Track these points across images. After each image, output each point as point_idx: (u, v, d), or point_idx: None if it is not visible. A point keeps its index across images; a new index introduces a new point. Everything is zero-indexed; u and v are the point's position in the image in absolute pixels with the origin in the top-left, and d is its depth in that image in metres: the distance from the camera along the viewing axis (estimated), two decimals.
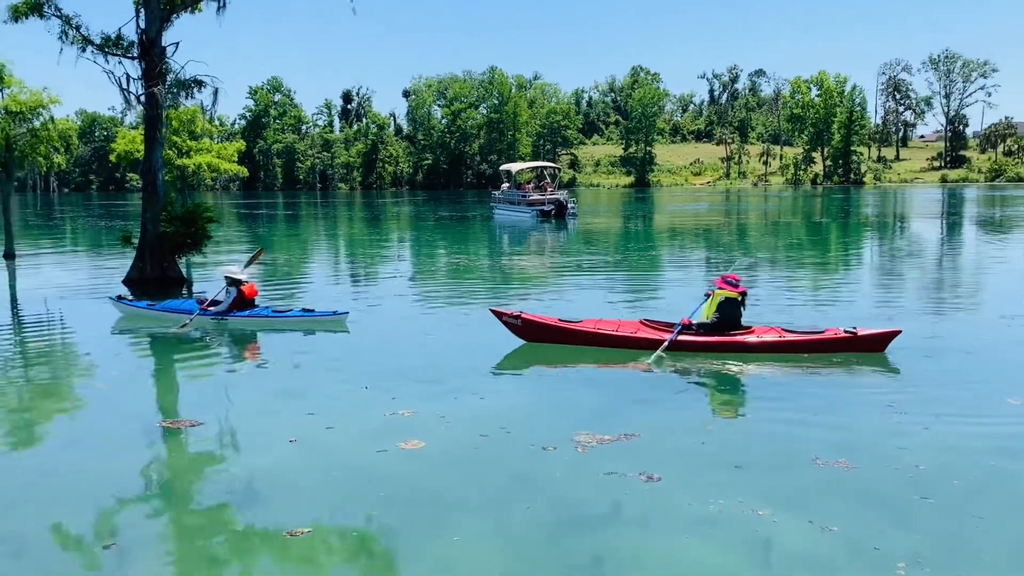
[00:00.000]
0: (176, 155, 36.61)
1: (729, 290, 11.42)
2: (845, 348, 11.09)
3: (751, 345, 11.15)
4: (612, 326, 11.86)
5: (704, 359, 10.99)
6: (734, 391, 9.88)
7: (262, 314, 14.13)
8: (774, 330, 11.47)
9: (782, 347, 11.12)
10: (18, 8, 18.94)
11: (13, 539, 5.89)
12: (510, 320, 12.30)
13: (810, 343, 11.12)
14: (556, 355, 11.37)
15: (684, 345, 11.22)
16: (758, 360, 10.92)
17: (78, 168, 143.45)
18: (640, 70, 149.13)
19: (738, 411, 8.89)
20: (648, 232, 40.92)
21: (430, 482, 6.92)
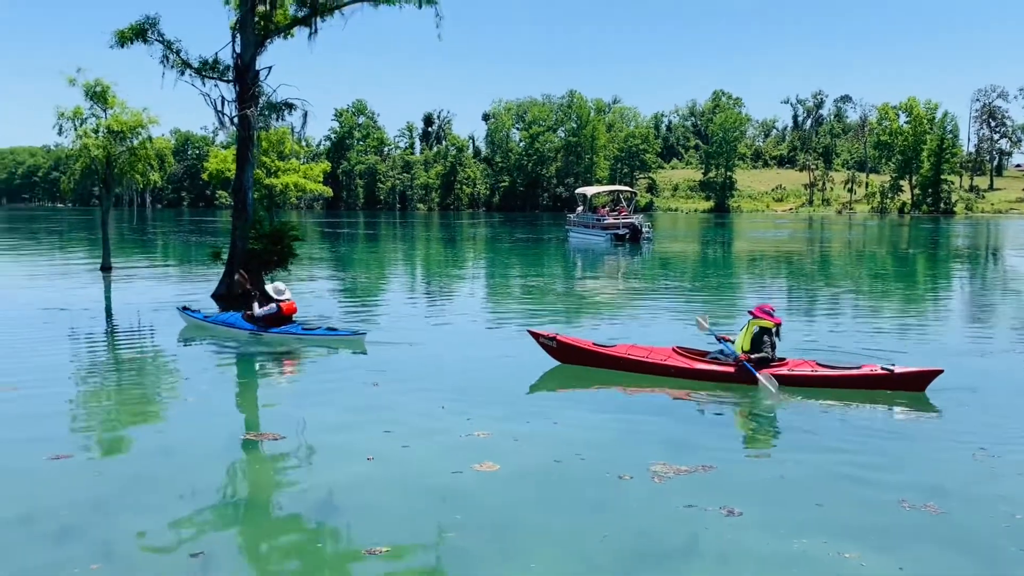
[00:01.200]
0: (265, 175, 37.86)
1: (765, 319, 11.14)
2: (882, 386, 10.65)
3: (789, 378, 10.75)
4: (644, 352, 11.78)
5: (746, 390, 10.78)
6: (806, 425, 9.55)
7: (292, 331, 14.66)
8: (808, 363, 11.12)
9: (819, 382, 10.76)
10: (124, 34, 19.96)
11: (105, 544, 6.12)
12: (546, 341, 12.36)
13: (845, 379, 10.75)
14: (627, 381, 11.25)
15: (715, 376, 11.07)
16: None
17: (171, 185, 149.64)
18: (722, 94, 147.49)
19: (815, 446, 8.61)
20: (725, 259, 40.26)
21: (505, 506, 6.92)
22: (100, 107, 26.23)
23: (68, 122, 26.33)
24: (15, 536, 6.30)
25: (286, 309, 14.89)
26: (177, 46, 20.18)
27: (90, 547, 6.04)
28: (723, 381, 11.05)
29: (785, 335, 15.71)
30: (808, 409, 10.14)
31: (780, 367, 10.98)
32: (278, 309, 14.79)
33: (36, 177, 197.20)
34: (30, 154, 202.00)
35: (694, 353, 11.64)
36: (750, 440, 8.97)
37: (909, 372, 10.76)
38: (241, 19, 19.54)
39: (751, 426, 9.65)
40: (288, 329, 14.70)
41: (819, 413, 10.00)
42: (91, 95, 25.95)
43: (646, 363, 11.46)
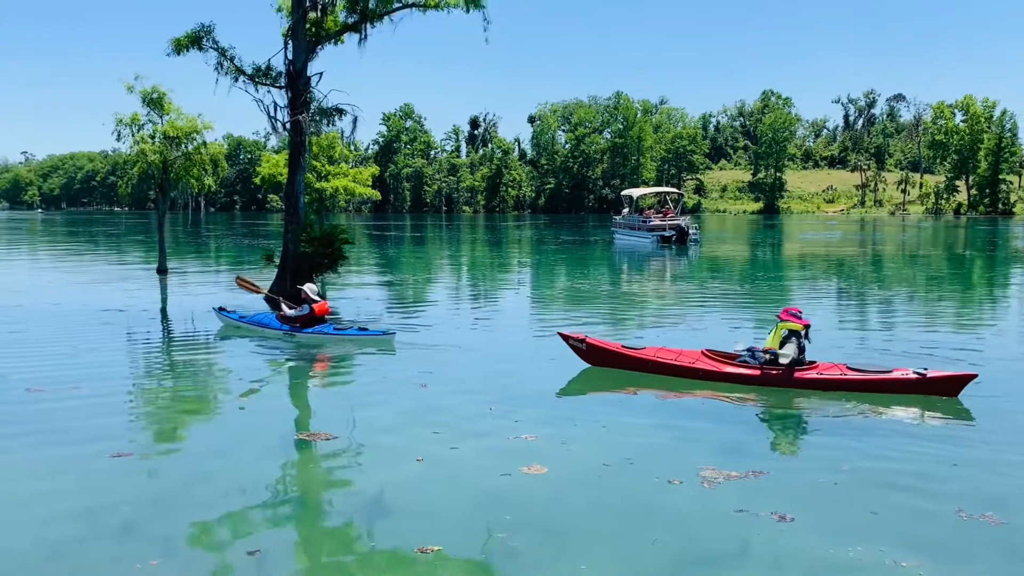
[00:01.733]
0: (315, 179, 38.40)
1: (793, 322, 11.01)
2: (914, 390, 10.46)
3: (819, 382, 10.69)
4: (673, 354, 11.78)
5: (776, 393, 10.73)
6: (853, 431, 9.37)
7: (325, 331, 14.96)
8: (838, 367, 10.95)
9: (849, 385, 10.62)
10: (180, 42, 20.46)
11: (165, 540, 6.29)
12: (575, 344, 12.43)
13: (876, 382, 10.58)
14: (673, 385, 11.17)
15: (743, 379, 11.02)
16: (814, 396, 10.57)
17: (224, 189, 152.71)
18: (771, 94, 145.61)
19: (865, 452, 8.46)
20: (774, 261, 39.70)
21: (554, 509, 6.93)
22: (157, 113, 26.88)
23: (126, 128, 27.04)
24: (79, 531, 6.50)
25: (318, 310, 15.19)
26: (231, 53, 20.62)
27: (150, 543, 6.22)
28: (751, 384, 10.98)
29: (836, 338, 15.51)
30: (853, 414, 9.97)
31: (810, 370, 10.88)
32: (310, 310, 15.10)
33: (95, 182, 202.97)
34: (89, 159, 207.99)
35: (723, 356, 11.55)
36: (799, 446, 8.85)
37: (942, 376, 10.56)
38: (293, 26, 19.89)
39: (799, 431, 9.52)
40: (321, 329, 14.99)
41: (865, 419, 9.83)
42: (148, 102, 26.62)
43: (674, 366, 11.46)
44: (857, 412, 10.04)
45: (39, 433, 9.11)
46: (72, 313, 18.71)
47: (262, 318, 15.87)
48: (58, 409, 10.18)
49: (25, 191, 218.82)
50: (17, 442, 8.77)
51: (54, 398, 10.71)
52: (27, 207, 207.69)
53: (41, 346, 14.57)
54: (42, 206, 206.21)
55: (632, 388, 11.11)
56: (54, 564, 5.92)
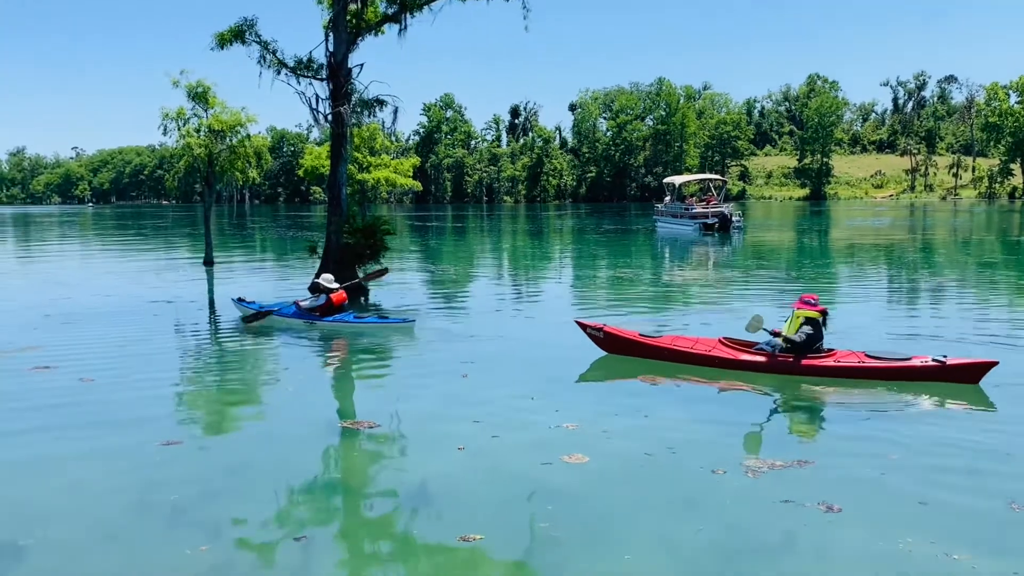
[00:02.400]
0: (357, 170, 38.68)
1: (809, 309, 10.93)
2: (933, 377, 10.33)
3: (837, 369, 10.62)
4: (689, 343, 11.77)
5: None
6: (897, 421, 9.18)
7: (345, 319, 15.18)
8: (856, 354, 10.82)
9: (867, 373, 10.50)
10: (224, 36, 20.70)
11: (214, 526, 6.41)
12: (593, 332, 12.53)
13: (895, 370, 10.44)
14: (716, 376, 11.05)
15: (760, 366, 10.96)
16: (837, 384, 10.44)
17: (267, 181, 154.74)
18: (817, 78, 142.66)
19: (910, 442, 8.27)
20: (819, 248, 38.99)
21: (597, 498, 6.91)
22: (202, 107, 27.31)
23: (172, 122, 27.53)
24: (131, 516, 6.67)
25: (336, 299, 15.42)
26: (273, 46, 20.81)
27: (200, 529, 6.34)
28: (767, 372, 10.92)
29: (885, 324, 15.20)
30: (893, 403, 9.79)
31: (827, 358, 10.80)
32: (327, 299, 15.34)
33: (142, 176, 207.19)
34: (136, 153, 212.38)
35: (740, 344, 11.49)
36: (842, 435, 8.66)
37: (962, 363, 10.38)
38: (333, 18, 20.00)
39: (840, 421, 9.30)
40: (341, 317, 15.20)
41: (906, 407, 9.67)
42: (193, 96, 27.05)
43: (691, 353, 11.45)
44: (897, 401, 9.86)
45: (92, 421, 9.36)
46: (122, 304, 19.15)
47: (282, 308, 15.95)
48: (109, 398, 10.44)
49: (76, 185, 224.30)
50: (71, 430, 9.01)
51: (105, 388, 10.99)
52: (78, 201, 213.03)
53: (92, 337, 14.93)
54: (92, 200, 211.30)
55: (679, 378, 11.01)
56: (109, 547, 6.08)
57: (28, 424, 9.28)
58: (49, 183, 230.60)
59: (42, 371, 11.91)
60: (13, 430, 9.03)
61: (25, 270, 30.65)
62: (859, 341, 12.61)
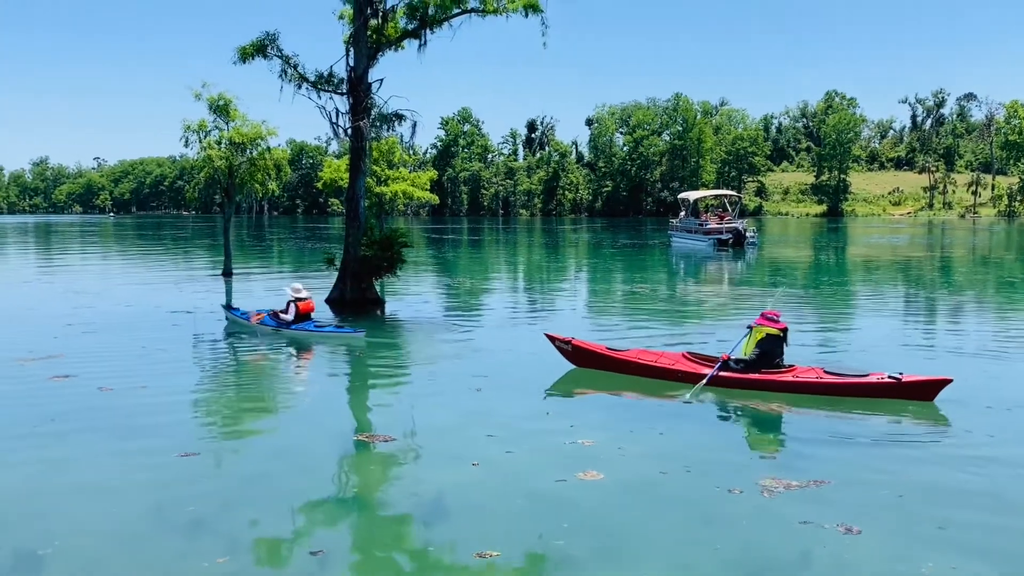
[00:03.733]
0: (375, 183, 38.86)
1: (770, 326, 11.16)
2: (889, 394, 10.49)
3: (793, 384, 10.80)
4: (653, 357, 12.06)
5: (750, 397, 10.75)
6: (917, 441, 9.11)
7: (307, 327, 16.06)
8: (814, 370, 11.03)
9: (824, 389, 10.63)
10: (246, 50, 20.93)
11: (231, 538, 6.44)
12: (562, 345, 12.76)
13: (851, 386, 10.60)
14: (734, 395, 11.01)
15: (725, 382, 11.05)
16: (797, 401, 10.53)
17: (286, 193, 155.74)
18: (835, 95, 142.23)
19: (928, 462, 8.21)
20: (837, 265, 38.74)
21: (612, 516, 6.89)
22: (223, 120, 27.59)
23: (193, 134, 27.81)
24: (149, 527, 6.71)
25: (303, 308, 16.33)
26: (295, 61, 21.02)
27: (217, 541, 6.38)
28: (727, 387, 11.07)
29: (907, 343, 15.11)
30: (908, 423, 9.75)
31: (786, 373, 11.00)
32: (296, 309, 16.23)
33: (163, 186, 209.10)
34: (157, 164, 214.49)
35: (703, 358, 11.72)
36: (861, 455, 8.59)
37: (917, 380, 10.52)
38: (354, 33, 20.19)
39: (854, 441, 9.20)
40: (303, 326, 16.13)
41: (920, 427, 9.62)
42: (215, 108, 27.33)
43: (654, 367, 11.71)
44: (912, 421, 9.81)
45: (110, 431, 9.44)
46: (142, 314, 19.32)
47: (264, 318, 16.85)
48: (127, 408, 10.53)
49: (97, 195, 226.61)
50: (90, 440, 9.09)
51: (124, 397, 11.09)
52: (99, 211, 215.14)
53: (112, 346, 15.07)
54: (113, 210, 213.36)
55: (696, 397, 10.98)
56: (127, 558, 6.12)
57: (47, 433, 9.36)
58: (71, 193, 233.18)
59: (62, 380, 12.03)
60: (33, 439, 9.12)
61: (47, 280, 30.98)
62: (875, 358, 12.57)
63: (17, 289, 26.76)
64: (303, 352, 14.82)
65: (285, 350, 15.05)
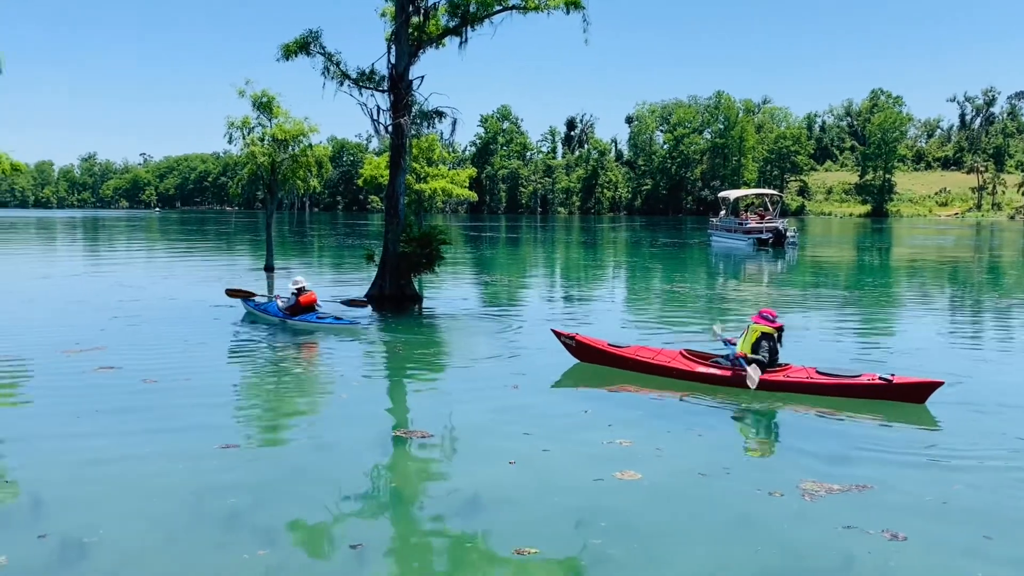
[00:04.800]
0: (415, 180, 39.09)
1: (766, 324, 11.24)
2: (880, 395, 10.50)
3: (785, 384, 10.84)
4: (652, 353, 12.28)
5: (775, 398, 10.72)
6: (959, 446, 8.88)
7: (309, 319, 16.65)
8: (806, 370, 11.04)
9: (815, 389, 10.68)
10: (289, 47, 21.18)
11: (270, 531, 6.51)
12: (566, 341, 13.06)
13: (841, 387, 10.62)
14: (774, 397, 10.85)
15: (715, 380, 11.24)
16: (789, 400, 10.56)
17: (327, 189, 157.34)
18: (880, 93, 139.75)
19: (973, 468, 8.00)
20: (880, 266, 38.03)
21: (651, 516, 6.83)
22: (266, 117, 27.95)
23: (237, 131, 28.23)
24: (190, 518, 6.80)
25: (304, 300, 16.88)
26: (337, 58, 21.21)
27: (256, 533, 6.44)
28: (720, 384, 11.23)
29: (944, 345, 14.78)
30: (957, 428, 9.52)
31: (778, 372, 11.03)
32: (296, 300, 16.83)
33: (207, 182, 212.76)
34: (201, 161, 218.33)
35: (700, 356, 11.88)
36: (901, 459, 8.40)
37: (908, 382, 10.49)
38: (396, 31, 20.30)
39: (899, 445, 9.01)
40: (306, 317, 16.70)
41: (970, 431, 9.37)
42: (258, 105, 27.70)
43: (652, 364, 11.91)
44: (953, 428, 9.58)
45: (154, 422, 9.60)
46: (185, 307, 19.64)
47: (267, 306, 17.67)
48: (170, 400, 10.71)
49: (143, 191, 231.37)
50: (134, 431, 9.25)
51: (167, 389, 11.28)
52: (145, 206, 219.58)
53: (156, 338, 15.35)
54: (158, 205, 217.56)
55: (736, 398, 10.84)
56: (168, 548, 6.21)
57: (93, 424, 9.56)
58: (117, 188, 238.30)
59: (107, 371, 12.27)
60: (78, 429, 9.31)
61: (95, 273, 31.66)
62: (915, 361, 12.34)
63: (66, 282, 27.38)
64: (341, 347, 14.94)
65: (323, 345, 15.18)
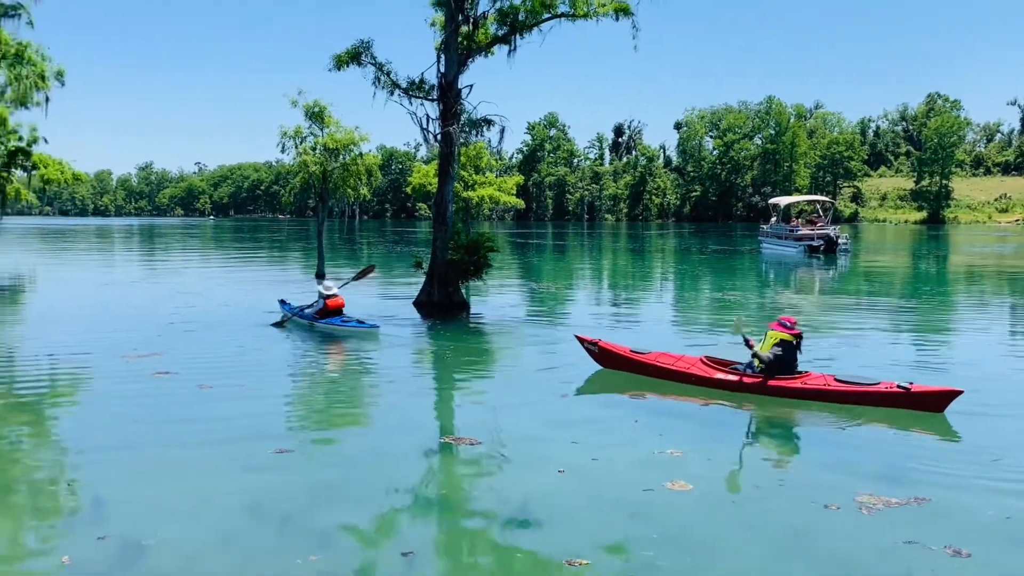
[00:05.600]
0: (462, 188, 39.37)
1: (783, 331, 11.15)
2: (897, 404, 10.37)
3: (803, 391, 10.81)
4: (672, 360, 12.36)
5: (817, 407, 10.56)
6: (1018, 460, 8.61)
7: (333, 322, 17.22)
8: (824, 377, 11.03)
9: (833, 396, 10.61)
10: (341, 57, 21.49)
11: (323, 536, 6.57)
12: (589, 346, 13.20)
13: (859, 395, 10.54)
14: (813, 407, 10.64)
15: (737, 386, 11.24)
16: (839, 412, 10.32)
17: (375, 197, 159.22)
18: (937, 97, 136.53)
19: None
20: (935, 274, 37.03)
21: (703, 528, 6.75)
22: (318, 126, 28.43)
23: (290, 140, 28.78)
24: (245, 522, 6.91)
25: (331, 304, 17.50)
26: (388, 68, 21.46)
27: (310, 538, 6.52)
28: (738, 391, 11.21)
29: (1005, 357, 14.34)
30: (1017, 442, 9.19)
31: (796, 380, 11.04)
32: (324, 304, 17.48)
33: (259, 191, 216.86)
34: (254, 169, 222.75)
35: (719, 363, 11.95)
36: (959, 471, 8.16)
37: (926, 391, 10.37)
38: (445, 40, 20.47)
39: (959, 456, 8.76)
40: (331, 321, 17.29)
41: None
42: (310, 115, 28.19)
43: (671, 370, 12.05)
44: (1015, 440, 9.27)
45: (209, 426, 9.78)
46: (240, 314, 20.01)
47: (299, 310, 18.23)
48: (226, 405, 10.92)
49: (198, 199, 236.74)
50: (191, 435, 9.43)
51: (222, 395, 11.50)
52: (199, 214, 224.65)
53: (211, 344, 15.67)
54: (212, 213, 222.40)
55: (790, 409, 10.65)
56: (224, 552, 6.32)
57: (150, 428, 9.77)
58: (173, 196, 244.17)
59: (164, 376, 12.56)
60: (136, 433, 9.53)
61: (152, 279, 32.47)
62: (980, 374, 11.99)
63: (126, 288, 28.13)
64: (391, 354, 15.07)
65: (374, 352, 15.33)
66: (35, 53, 24.68)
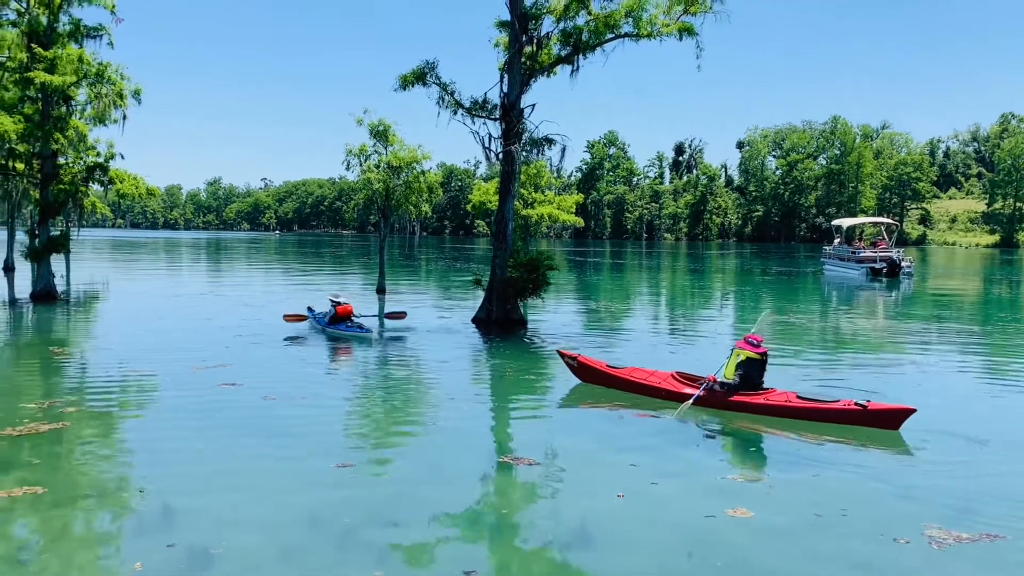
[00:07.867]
0: (522, 206, 39.54)
1: (750, 350, 11.34)
2: (855, 421, 10.72)
3: (765, 407, 11.14)
4: (645, 375, 12.86)
5: (728, 418, 11.11)
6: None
7: (340, 328, 19.08)
8: (786, 394, 11.34)
9: (793, 413, 10.93)
10: (407, 77, 21.86)
11: (383, 551, 6.64)
12: (569, 361, 13.82)
13: (818, 411, 10.89)
14: (873, 434, 10.37)
15: (706, 402, 11.56)
16: (770, 424, 10.83)
17: (435, 214, 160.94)
18: (1011, 117, 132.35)
19: None
20: (1006, 301, 35.71)
21: (764, 557, 6.63)
22: (382, 144, 28.94)
23: (355, 158, 29.33)
24: (308, 534, 7.02)
25: (340, 311, 19.35)
26: (451, 88, 21.76)
27: (370, 553, 6.60)
28: (704, 406, 11.58)
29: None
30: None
31: (759, 396, 11.35)
32: (333, 311, 19.34)
33: (323, 207, 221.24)
34: (318, 186, 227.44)
35: (690, 379, 12.44)
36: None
37: (882, 408, 10.66)
38: (509, 60, 20.69)
39: (1018, 489, 8.44)
40: (339, 327, 19.08)
41: None
42: (375, 133, 28.71)
43: (644, 384, 12.54)
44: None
45: (273, 439, 10.00)
46: (303, 327, 20.39)
47: (320, 318, 20.07)
48: (289, 417, 11.13)
49: (263, 214, 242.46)
50: (254, 447, 9.66)
51: (285, 406, 11.74)
52: (264, 228, 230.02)
53: (275, 357, 16.02)
54: (278, 228, 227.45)
55: (853, 438, 10.40)
56: (286, 563, 6.43)
57: (216, 438, 10.05)
58: (240, 211, 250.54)
59: (229, 387, 12.88)
60: (203, 443, 9.81)
61: (220, 292, 33.33)
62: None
63: (195, 301, 28.93)
64: (452, 370, 15.18)
65: (435, 368, 15.46)
66: (115, 72, 25.66)
